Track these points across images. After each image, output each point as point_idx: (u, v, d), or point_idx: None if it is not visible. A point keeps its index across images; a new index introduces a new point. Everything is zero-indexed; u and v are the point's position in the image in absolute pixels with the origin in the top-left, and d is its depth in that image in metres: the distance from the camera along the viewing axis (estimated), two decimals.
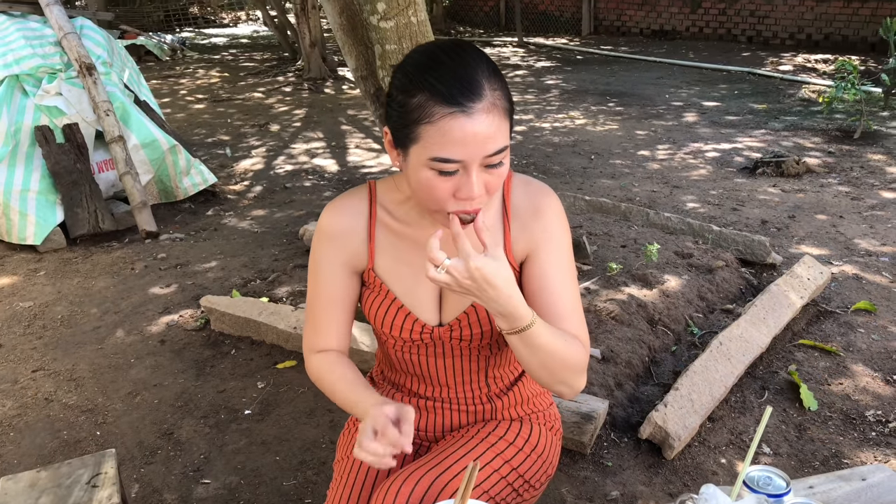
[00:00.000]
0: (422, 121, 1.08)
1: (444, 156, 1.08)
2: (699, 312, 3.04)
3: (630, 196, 4.68)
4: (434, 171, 1.10)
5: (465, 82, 1.07)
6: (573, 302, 1.28)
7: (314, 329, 1.38)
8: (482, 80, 1.08)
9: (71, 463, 1.82)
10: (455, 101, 1.06)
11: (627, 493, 2.15)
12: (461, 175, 1.10)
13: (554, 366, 1.19)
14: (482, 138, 1.08)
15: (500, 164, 1.12)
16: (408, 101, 1.10)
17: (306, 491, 2.25)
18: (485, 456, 1.34)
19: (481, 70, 1.10)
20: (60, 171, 4.21)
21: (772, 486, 1.14)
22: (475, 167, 1.10)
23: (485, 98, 1.08)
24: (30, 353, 3.12)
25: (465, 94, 1.06)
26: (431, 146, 1.08)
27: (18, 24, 4.51)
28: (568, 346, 1.20)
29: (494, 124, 1.09)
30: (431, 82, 1.08)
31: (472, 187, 1.10)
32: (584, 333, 1.28)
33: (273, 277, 3.65)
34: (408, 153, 1.13)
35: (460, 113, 1.06)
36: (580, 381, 1.25)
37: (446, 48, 1.12)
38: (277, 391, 2.76)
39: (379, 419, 1.15)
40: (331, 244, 1.32)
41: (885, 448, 2.28)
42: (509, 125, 1.14)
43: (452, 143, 1.07)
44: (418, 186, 1.14)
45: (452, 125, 1.06)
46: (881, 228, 3.99)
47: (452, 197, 1.12)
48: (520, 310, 1.11)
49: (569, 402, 2.32)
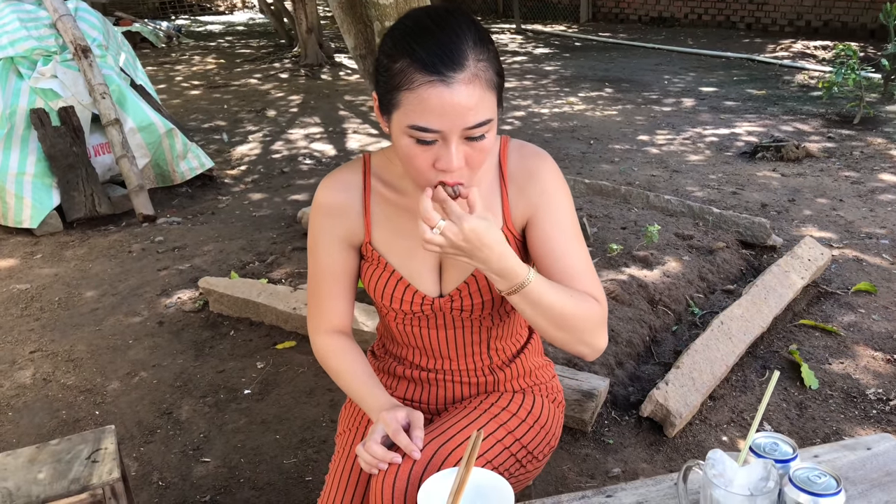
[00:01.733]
0: (402, 87, 1.06)
1: (421, 124, 1.06)
2: (700, 293, 3.04)
3: (629, 180, 4.66)
4: (413, 139, 1.08)
5: (447, 51, 1.04)
6: (582, 260, 1.25)
7: (317, 306, 1.38)
8: (466, 49, 1.06)
9: (71, 439, 1.81)
10: (435, 70, 1.04)
11: (629, 470, 2.15)
12: (440, 146, 1.08)
13: (565, 322, 1.17)
14: (462, 109, 1.05)
15: (483, 138, 1.09)
16: (391, 66, 1.08)
17: (307, 469, 2.24)
18: (488, 426, 1.33)
19: (467, 39, 1.07)
20: (56, 154, 4.18)
21: (778, 451, 1.13)
22: (455, 138, 1.07)
23: (467, 68, 1.05)
24: (27, 334, 3.11)
25: (446, 63, 1.04)
26: (410, 113, 1.06)
27: (13, 6, 4.47)
28: (576, 301, 1.18)
29: (476, 95, 1.06)
30: (414, 48, 1.05)
31: (452, 159, 1.08)
32: (598, 290, 1.25)
33: (271, 260, 3.64)
34: (391, 119, 1.11)
35: (439, 82, 1.04)
36: (599, 339, 1.23)
37: (435, 15, 1.10)
38: (277, 371, 2.75)
39: (391, 425, 1.20)
40: (327, 219, 1.32)
41: (886, 425, 2.28)
42: (495, 97, 1.11)
43: (430, 112, 1.05)
44: (400, 154, 1.13)
45: (431, 93, 1.04)
46: (881, 212, 3.98)
47: (432, 167, 1.10)
48: (515, 268, 1.10)
49: (570, 381, 2.32)
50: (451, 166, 1.08)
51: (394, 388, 1.47)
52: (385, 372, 1.49)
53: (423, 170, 1.11)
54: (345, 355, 1.37)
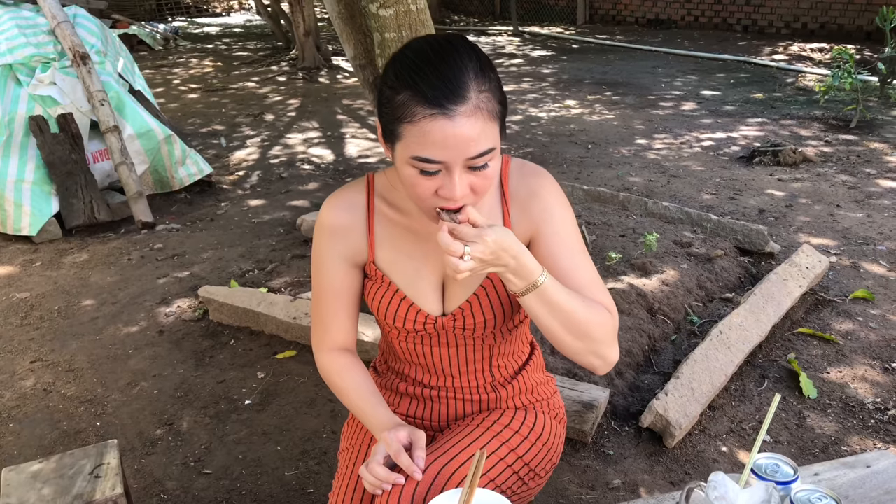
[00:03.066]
0: (405, 119, 1.07)
1: (424, 155, 1.07)
2: (698, 301, 3.05)
3: (627, 185, 4.68)
4: (416, 169, 1.09)
5: (449, 84, 1.05)
6: (589, 273, 1.27)
7: (321, 323, 1.39)
8: (468, 81, 1.06)
9: (73, 453, 1.82)
10: (437, 103, 1.04)
11: (629, 481, 2.16)
12: (444, 175, 1.09)
13: (578, 327, 1.18)
14: (464, 141, 1.06)
15: (486, 167, 1.10)
16: (394, 98, 1.09)
17: (308, 481, 2.25)
18: (490, 445, 1.34)
19: (468, 71, 1.07)
20: (55, 161, 4.18)
21: (779, 473, 1.14)
22: (458, 168, 1.08)
23: (468, 101, 1.05)
24: (27, 344, 3.11)
25: (448, 96, 1.04)
26: (413, 145, 1.07)
27: (11, 13, 4.47)
28: (589, 306, 1.19)
29: (478, 127, 1.06)
30: (416, 81, 1.06)
31: (455, 188, 1.09)
32: (609, 302, 1.26)
33: (271, 268, 3.64)
34: (394, 148, 1.12)
35: (441, 115, 1.04)
36: (612, 351, 1.25)
37: (437, 46, 1.10)
38: (277, 381, 2.76)
39: (393, 445, 1.21)
40: (331, 239, 1.33)
41: (885, 435, 2.30)
42: (498, 126, 1.11)
43: (433, 145, 1.06)
44: (404, 182, 1.14)
45: (433, 127, 1.05)
46: (878, 217, 4.00)
47: (435, 195, 1.11)
48: (530, 264, 1.12)
49: (570, 392, 2.33)
50: (455, 195, 1.09)
51: (396, 404, 1.48)
52: (387, 388, 1.50)
53: (427, 197, 1.12)
54: (348, 373, 1.38)
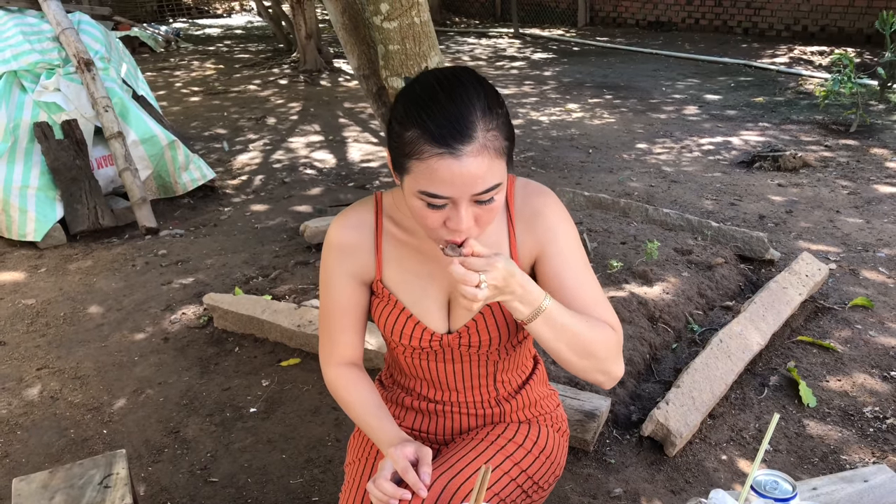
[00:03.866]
0: (412, 156, 1.10)
1: (431, 191, 1.10)
2: (699, 309, 3.07)
3: (628, 191, 4.70)
4: (423, 202, 1.12)
5: (456, 124, 1.07)
6: (594, 291, 1.30)
7: (329, 339, 1.42)
8: (475, 121, 1.08)
9: (83, 463, 1.84)
10: (444, 143, 1.07)
11: (630, 490, 2.19)
12: (451, 208, 1.12)
13: (584, 347, 1.20)
14: (470, 179, 1.08)
15: (492, 201, 1.13)
16: (403, 134, 1.11)
17: (313, 489, 2.27)
18: (495, 458, 1.37)
19: (476, 110, 1.09)
20: (60, 167, 4.21)
21: (779, 490, 1.16)
22: (464, 203, 1.11)
23: (475, 140, 1.08)
24: (34, 351, 3.14)
25: (455, 136, 1.07)
26: (420, 180, 1.10)
27: (16, 20, 4.49)
28: (593, 325, 1.22)
29: (485, 165, 1.09)
30: (424, 119, 1.08)
31: (461, 221, 1.12)
32: (613, 319, 1.29)
33: (275, 275, 3.67)
34: (403, 180, 1.15)
35: (448, 154, 1.07)
36: (617, 367, 1.27)
37: (445, 83, 1.12)
38: (282, 389, 2.78)
39: (400, 462, 1.23)
40: (339, 257, 1.35)
41: (883, 444, 2.32)
42: (504, 162, 1.14)
43: (440, 182, 1.09)
44: (412, 212, 1.17)
45: (440, 165, 1.07)
46: (877, 223, 4.02)
47: (443, 226, 1.14)
48: (534, 290, 1.15)
49: (572, 401, 2.35)
50: (461, 228, 1.12)
51: (401, 418, 1.50)
52: (393, 402, 1.53)
53: (434, 228, 1.15)
54: (355, 387, 1.41)
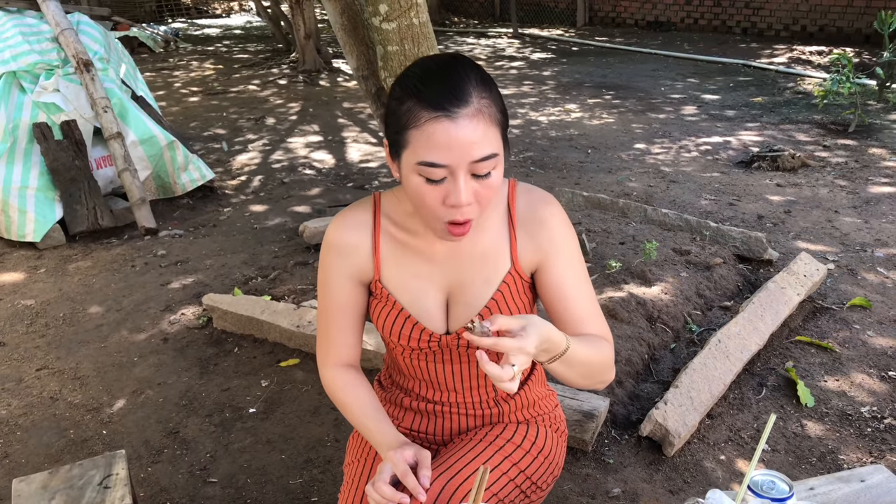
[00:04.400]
0: (409, 125, 1.11)
1: (429, 160, 1.11)
2: (697, 310, 3.08)
3: (627, 191, 4.71)
4: (422, 178, 1.13)
5: (451, 88, 1.10)
6: (591, 303, 1.32)
7: (327, 339, 1.42)
8: (469, 87, 1.11)
9: (83, 464, 1.85)
10: (440, 106, 1.09)
11: (629, 489, 2.19)
12: (449, 182, 1.13)
13: (591, 372, 1.24)
14: (467, 143, 1.10)
15: (490, 175, 1.14)
16: (399, 108, 1.13)
17: (312, 489, 2.28)
18: (493, 459, 1.37)
19: (470, 79, 1.12)
20: (59, 167, 4.21)
21: (775, 490, 1.17)
22: (462, 173, 1.12)
23: (471, 104, 1.10)
24: (33, 351, 3.14)
25: (450, 100, 1.09)
26: (418, 150, 1.11)
27: (15, 20, 4.50)
28: (598, 349, 1.25)
29: (480, 129, 1.10)
30: (420, 88, 1.11)
31: (460, 194, 1.12)
32: (605, 331, 1.32)
33: (274, 275, 3.67)
34: (401, 161, 1.16)
35: (444, 117, 1.09)
36: (610, 376, 1.31)
37: (440, 61, 1.16)
38: (281, 389, 2.79)
39: (400, 465, 1.23)
40: (337, 257, 1.36)
41: (881, 444, 2.33)
42: (500, 135, 1.15)
43: (437, 147, 1.10)
44: (411, 195, 1.18)
45: (437, 128, 1.09)
46: (875, 223, 4.03)
47: (442, 205, 1.15)
48: (558, 338, 1.13)
49: (570, 401, 2.36)
50: (460, 201, 1.13)
51: (400, 418, 1.51)
52: (391, 403, 1.53)
53: (434, 208, 1.15)
54: (353, 389, 1.41)
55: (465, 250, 1.32)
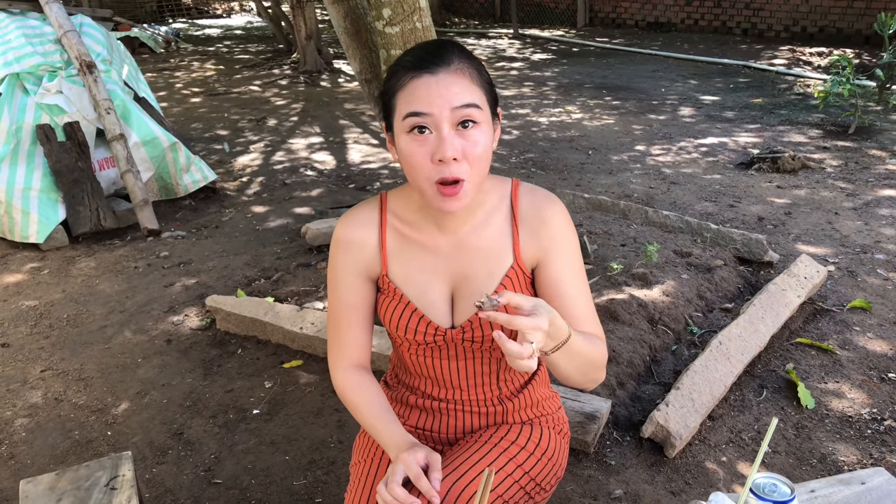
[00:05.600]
0: (395, 89, 1.20)
1: (412, 109, 1.17)
2: (698, 311, 3.10)
3: (628, 192, 4.73)
4: (410, 134, 1.19)
5: (432, 52, 1.19)
6: (587, 304, 1.36)
7: (337, 339, 1.44)
8: (452, 54, 1.19)
9: (89, 465, 1.86)
10: (421, 66, 1.18)
11: (630, 491, 2.21)
12: (435, 137, 1.18)
13: (587, 366, 1.27)
14: (446, 91, 1.16)
15: (474, 124, 1.18)
16: (388, 81, 1.23)
17: (316, 490, 2.29)
18: (498, 461, 1.39)
19: (454, 49, 1.21)
20: (62, 169, 4.23)
21: (777, 492, 1.19)
22: (445, 124, 1.17)
23: (451, 64, 1.18)
24: (37, 352, 3.16)
25: (430, 59, 1.18)
26: (403, 106, 1.19)
27: (18, 22, 4.51)
28: (595, 346, 1.29)
29: (461, 83, 1.18)
30: (405, 57, 1.21)
31: (445, 144, 1.16)
32: (600, 331, 1.36)
33: (277, 277, 3.69)
34: (394, 130, 1.23)
35: (426, 72, 1.17)
36: (602, 375, 1.34)
37: (428, 42, 1.26)
38: (285, 391, 2.81)
39: (412, 469, 1.25)
40: (346, 254, 1.39)
41: (881, 446, 2.34)
42: (485, 97, 1.22)
43: (419, 99, 1.17)
44: (404, 162, 1.22)
45: (418, 83, 1.17)
46: (875, 225, 4.05)
47: (431, 163, 1.19)
48: (563, 326, 1.15)
49: (573, 403, 2.37)
50: (446, 153, 1.17)
51: (406, 417, 1.53)
52: (398, 401, 1.55)
53: (424, 166, 1.19)
54: (363, 391, 1.43)
55: (469, 245, 1.35)
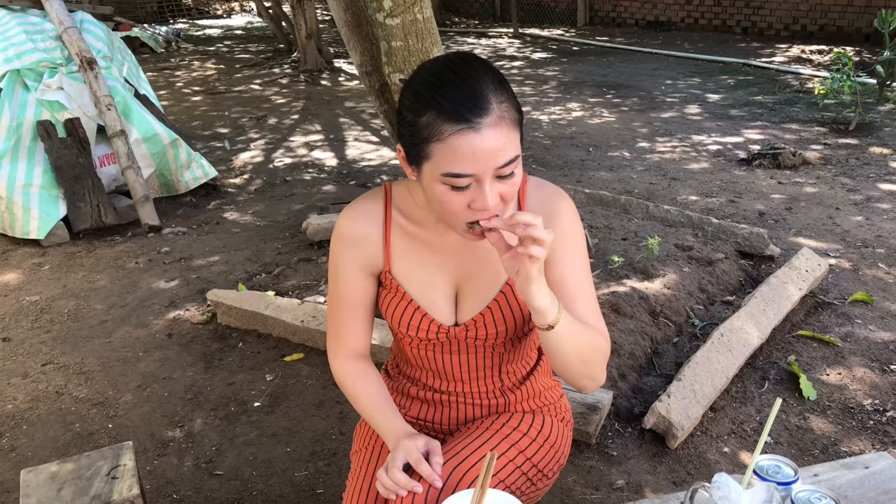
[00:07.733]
0: (432, 139, 1.10)
1: (455, 171, 1.11)
2: (700, 304, 3.09)
3: (628, 189, 4.72)
4: (447, 186, 1.13)
5: (471, 98, 1.09)
6: (591, 301, 1.33)
7: (337, 330, 1.43)
8: (488, 94, 1.10)
9: (90, 455, 1.86)
10: (463, 118, 1.08)
11: (632, 481, 2.21)
12: (474, 188, 1.13)
13: (585, 355, 1.25)
14: (492, 152, 1.10)
15: (513, 175, 1.15)
16: (417, 121, 1.12)
17: (318, 482, 2.29)
18: (500, 446, 1.38)
19: (487, 83, 1.11)
20: (63, 165, 4.23)
21: (780, 474, 1.18)
22: (488, 179, 1.12)
23: (492, 112, 1.09)
24: (38, 347, 3.15)
25: (472, 111, 1.08)
26: (442, 163, 1.11)
27: (19, 19, 4.51)
28: (594, 335, 1.27)
29: (503, 136, 1.11)
30: (439, 100, 1.10)
31: (486, 199, 1.12)
32: (603, 328, 1.33)
33: (278, 271, 3.69)
34: (421, 169, 1.16)
35: (468, 129, 1.08)
36: (603, 374, 1.32)
37: (452, 65, 1.14)
38: (286, 383, 2.80)
39: (413, 454, 1.25)
40: (348, 248, 1.36)
41: (883, 436, 2.34)
42: (519, 134, 1.16)
43: (463, 159, 1.10)
44: (433, 200, 1.18)
45: (462, 142, 1.09)
46: (876, 220, 4.04)
47: (467, 209, 1.15)
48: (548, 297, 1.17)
49: (574, 394, 2.37)
50: (488, 206, 1.13)
51: (407, 408, 1.52)
52: (399, 392, 1.54)
53: (459, 212, 1.16)
54: (363, 380, 1.42)
55: (475, 243, 1.33)
